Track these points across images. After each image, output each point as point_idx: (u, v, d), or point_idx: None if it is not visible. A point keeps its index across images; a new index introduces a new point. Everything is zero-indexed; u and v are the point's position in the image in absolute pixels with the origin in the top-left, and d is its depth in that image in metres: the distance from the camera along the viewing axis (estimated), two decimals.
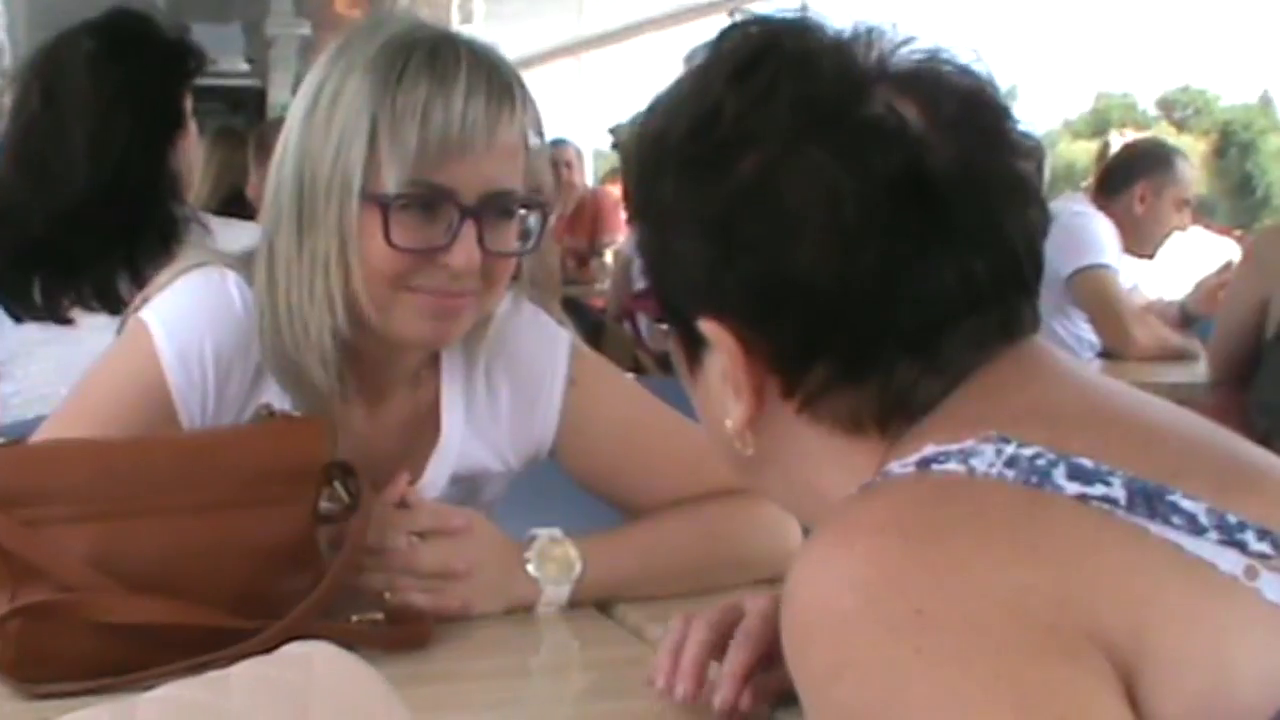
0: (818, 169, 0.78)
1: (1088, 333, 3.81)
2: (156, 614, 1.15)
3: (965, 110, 0.81)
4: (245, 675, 0.73)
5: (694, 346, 0.86)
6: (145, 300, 1.36)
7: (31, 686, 1.14)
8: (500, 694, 1.16)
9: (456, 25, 7.85)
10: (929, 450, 0.75)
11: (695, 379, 0.88)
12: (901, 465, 0.76)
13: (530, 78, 1.35)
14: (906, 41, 0.82)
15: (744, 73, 0.82)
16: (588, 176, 7.92)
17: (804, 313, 0.80)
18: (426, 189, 1.25)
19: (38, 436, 1.29)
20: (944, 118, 0.79)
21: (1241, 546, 0.70)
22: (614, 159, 9.38)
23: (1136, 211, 3.86)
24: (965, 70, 0.82)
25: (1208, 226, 4.72)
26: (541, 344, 1.46)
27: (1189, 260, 4.24)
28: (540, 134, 1.32)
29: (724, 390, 0.84)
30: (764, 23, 0.85)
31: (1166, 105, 27.08)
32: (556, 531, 1.36)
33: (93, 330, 2.10)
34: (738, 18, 0.86)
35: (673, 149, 0.83)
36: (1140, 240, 3.88)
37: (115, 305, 2.07)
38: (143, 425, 1.30)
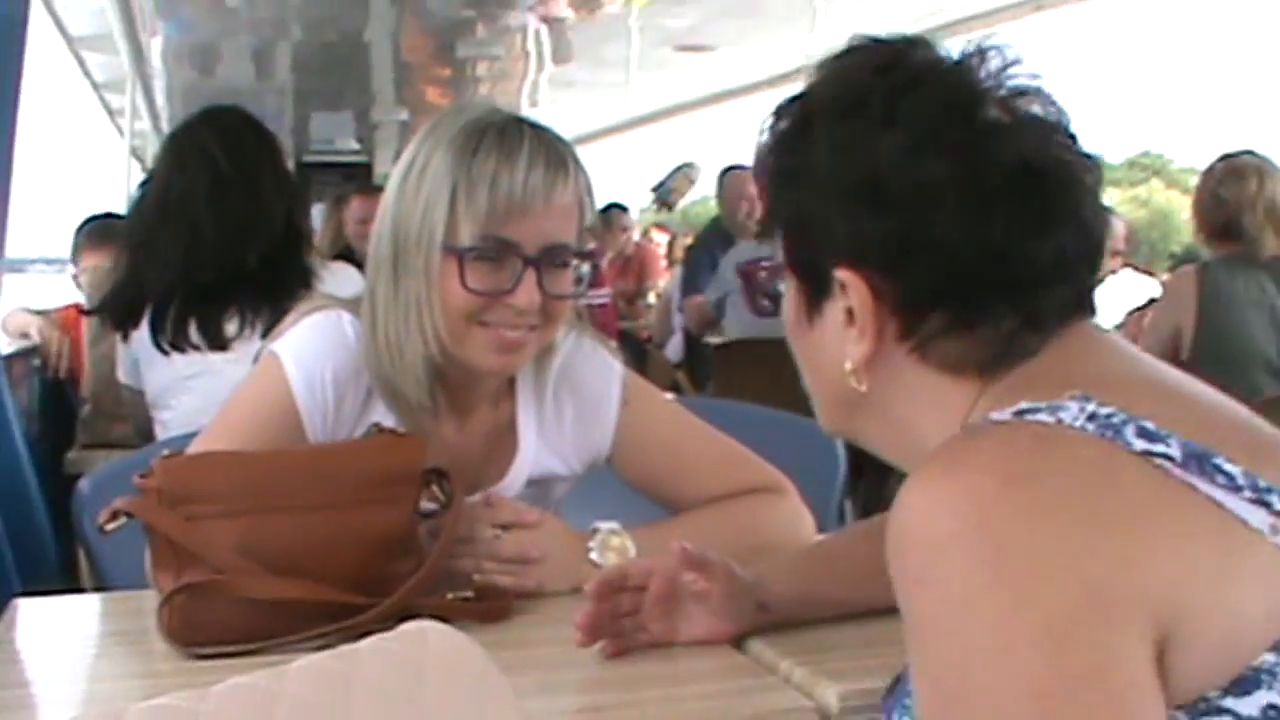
0: (958, 151, 0.77)
1: None
2: (290, 591, 1.15)
3: (1055, 127, 0.81)
4: (372, 648, 0.72)
5: (817, 296, 0.83)
6: (277, 336, 1.36)
7: (191, 649, 1.14)
8: (566, 656, 1.14)
9: (526, 108, 7.85)
10: (1022, 405, 0.73)
11: (812, 326, 0.84)
12: (999, 415, 0.73)
13: (586, 151, 1.34)
14: (1015, 62, 0.81)
15: (887, 69, 0.80)
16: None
17: (935, 266, 0.78)
18: (495, 242, 1.25)
19: (192, 449, 1.28)
20: (1042, 129, 0.80)
21: (1269, 506, 0.68)
22: (655, 215, 9.37)
23: None
24: (1051, 99, 0.82)
25: (1135, 268, 4.78)
26: (599, 372, 1.45)
27: (1119, 296, 4.21)
28: (591, 196, 1.31)
29: (844, 334, 0.81)
30: (885, 39, 0.84)
31: (1134, 167, 26.64)
32: (615, 524, 1.35)
33: (229, 364, 2.10)
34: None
35: (824, 125, 0.81)
36: None
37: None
38: (276, 439, 1.29)
